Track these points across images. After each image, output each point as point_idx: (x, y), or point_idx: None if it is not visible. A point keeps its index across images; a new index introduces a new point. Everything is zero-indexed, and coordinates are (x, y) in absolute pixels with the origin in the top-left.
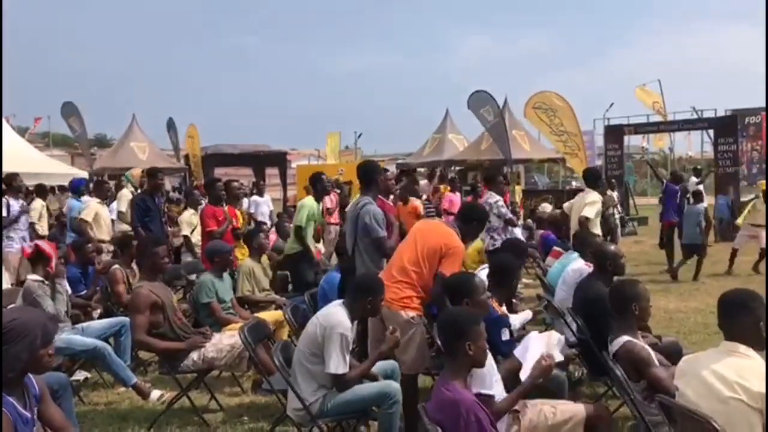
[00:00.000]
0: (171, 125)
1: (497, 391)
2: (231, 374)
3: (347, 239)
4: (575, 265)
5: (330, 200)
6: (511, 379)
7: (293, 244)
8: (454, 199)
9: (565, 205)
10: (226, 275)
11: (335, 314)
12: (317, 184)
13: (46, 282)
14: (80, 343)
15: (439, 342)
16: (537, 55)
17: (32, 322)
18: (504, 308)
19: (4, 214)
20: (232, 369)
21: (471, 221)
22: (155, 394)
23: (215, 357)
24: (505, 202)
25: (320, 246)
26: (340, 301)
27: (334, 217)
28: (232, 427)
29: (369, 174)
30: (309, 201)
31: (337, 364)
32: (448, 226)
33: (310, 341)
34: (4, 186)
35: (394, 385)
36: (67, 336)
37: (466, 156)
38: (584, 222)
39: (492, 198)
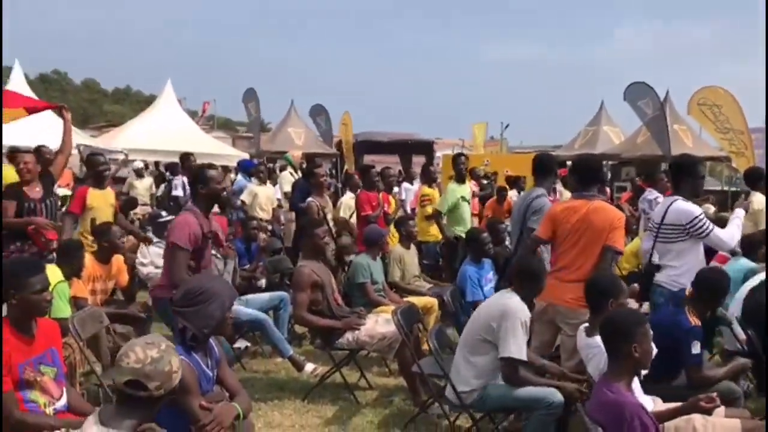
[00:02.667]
0: (319, 111)
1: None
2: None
3: (512, 227)
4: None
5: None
6: None
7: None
8: None
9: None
10: (379, 258)
11: (512, 301)
12: (455, 167)
13: (219, 256)
14: (245, 314)
15: None
16: (700, 47)
17: (222, 286)
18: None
19: (180, 193)
20: (381, 354)
21: None
22: (309, 367)
23: (367, 342)
24: None
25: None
26: (508, 289)
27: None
28: (381, 406)
29: (546, 165)
30: (452, 186)
31: (516, 348)
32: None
33: (480, 327)
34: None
35: (559, 396)
36: (235, 306)
37: (621, 150)
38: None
39: (651, 194)
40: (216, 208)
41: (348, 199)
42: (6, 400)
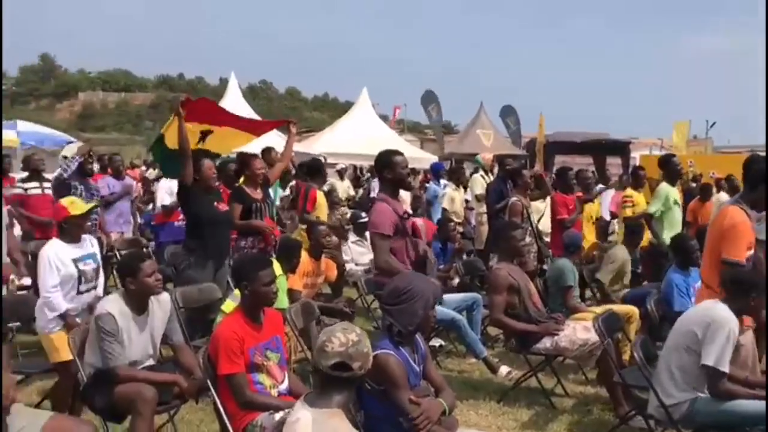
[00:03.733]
0: (508, 112)
1: None
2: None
3: None
4: None
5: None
6: None
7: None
8: None
9: None
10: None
11: (721, 309)
12: (668, 166)
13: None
14: (441, 313)
15: None
16: None
17: (427, 285)
18: None
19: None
20: (580, 361)
21: None
22: (504, 369)
23: (567, 347)
24: None
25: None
26: (716, 299)
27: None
28: (579, 414)
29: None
30: (665, 187)
31: (719, 357)
32: None
33: (684, 335)
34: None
35: None
36: None
37: None
38: None
39: None
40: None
41: (538, 202)
42: (239, 381)
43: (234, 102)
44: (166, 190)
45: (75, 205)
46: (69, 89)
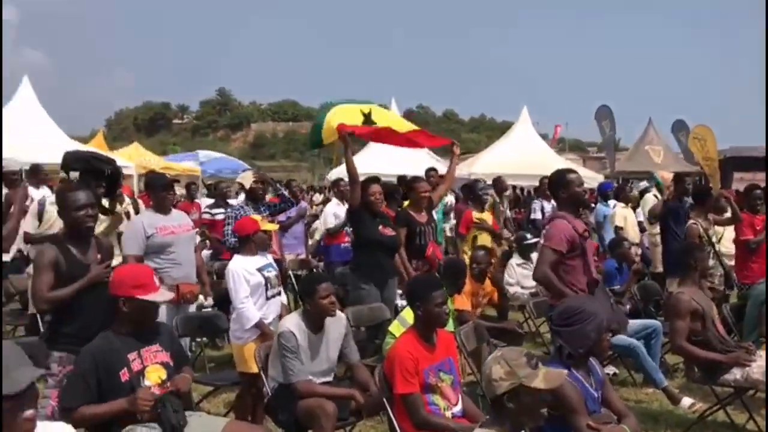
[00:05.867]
0: (680, 127)
1: None
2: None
3: None
4: None
5: None
6: None
7: None
8: None
9: None
10: None
11: None
12: None
13: None
14: (617, 339)
15: None
16: None
17: (600, 307)
18: None
19: (539, 216)
20: None
21: None
22: (686, 401)
23: (759, 380)
24: None
25: None
26: None
27: None
28: None
29: None
30: None
31: None
32: None
33: None
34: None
35: None
36: None
37: None
38: None
39: None
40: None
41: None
42: (415, 400)
43: None
44: (332, 214)
45: (265, 222)
46: (242, 120)
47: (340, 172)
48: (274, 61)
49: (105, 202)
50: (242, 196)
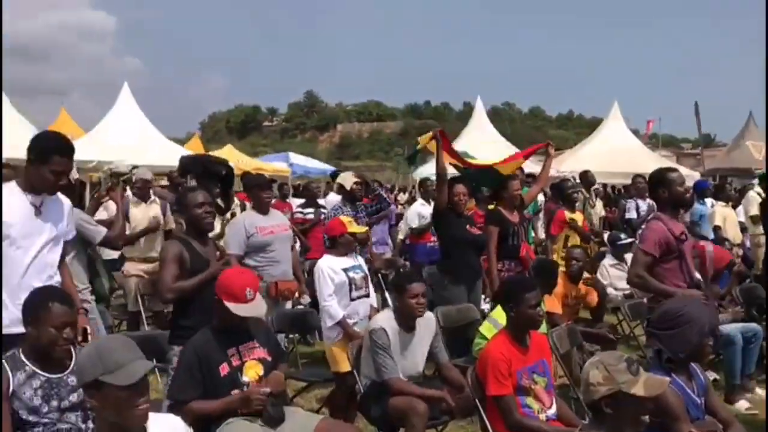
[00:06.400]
0: None
1: None
2: None
3: None
4: None
5: None
6: None
7: None
8: None
9: None
10: None
11: None
12: None
13: None
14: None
15: None
16: None
17: (703, 310)
18: None
19: (634, 215)
20: None
21: None
22: (743, 403)
23: None
24: None
25: None
26: None
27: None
28: None
29: None
30: None
31: None
32: None
33: None
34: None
35: None
36: None
37: None
38: None
39: None
40: None
41: None
42: (508, 402)
43: (479, 125)
44: (417, 213)
45: (353, 224)
46: (329, 122)
47: (425, 172)
48: (359, 62)
49: (220, 202)
50: (331, 196)
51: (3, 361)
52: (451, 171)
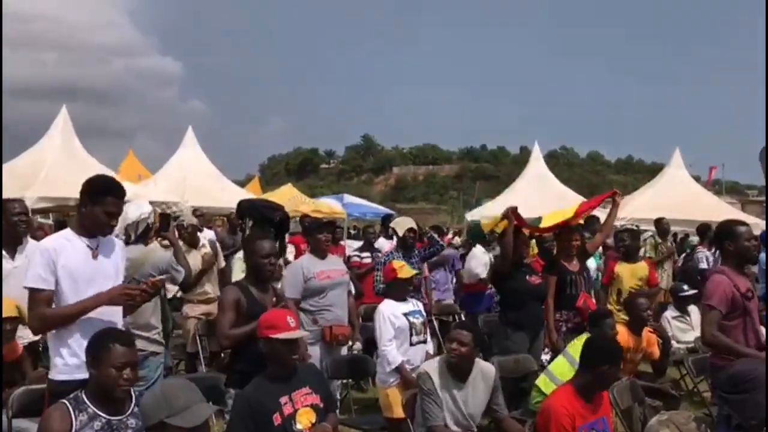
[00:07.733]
0: None
1: None
2: None
3: None
4: None
5: None
6: None
7: None
8: None
9: None
10: None
11: None
12: None
13: None
14: None
15: None
16: None
17: None
18: None
19: (704, 265)
20: None
21: None
22: None
23: None
24: None
25: None
26: None
27: None
28: None
29: None
30: None
31: None
32: None
33: None
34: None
35: None
36: None
37: None
38: None
39: None
40: None
41: None
42: None
43: (536, 169)
44: (482, 264)
45: (404, 269)
46: (385, 164)
47: (478, 215)
48: (416, 106)
49: None
50: (381, 240)
51: (66, 402)
52: None
